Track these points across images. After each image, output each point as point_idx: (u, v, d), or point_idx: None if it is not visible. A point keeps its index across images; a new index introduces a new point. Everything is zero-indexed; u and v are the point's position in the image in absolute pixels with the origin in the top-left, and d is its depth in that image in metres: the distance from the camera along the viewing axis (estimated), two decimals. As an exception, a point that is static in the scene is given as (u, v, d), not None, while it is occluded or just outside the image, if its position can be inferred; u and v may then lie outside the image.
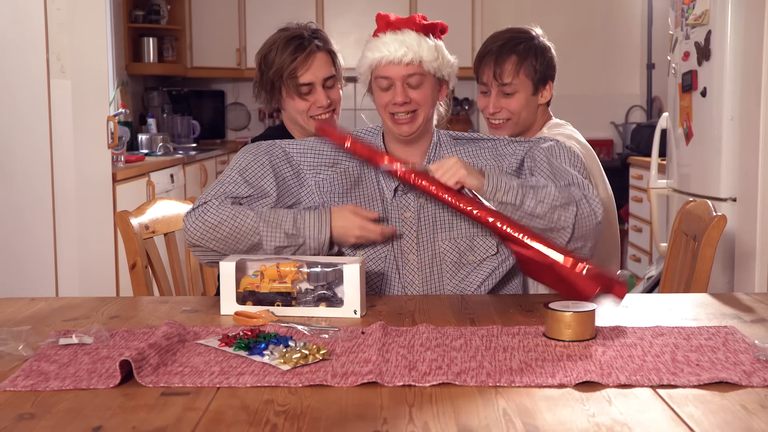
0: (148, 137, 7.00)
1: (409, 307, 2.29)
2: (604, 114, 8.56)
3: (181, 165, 6.61)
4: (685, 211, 2.88)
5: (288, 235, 2.38)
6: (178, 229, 2.98)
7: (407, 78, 2.51)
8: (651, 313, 2.20)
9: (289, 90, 3.00)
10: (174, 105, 8.30)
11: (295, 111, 3.02)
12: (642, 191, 6.43)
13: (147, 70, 7.92)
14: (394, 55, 2.50)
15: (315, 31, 3.07)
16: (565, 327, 1.93)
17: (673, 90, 5.03)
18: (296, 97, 3.00)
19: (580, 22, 8.52)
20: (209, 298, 2.47)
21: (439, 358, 1.81)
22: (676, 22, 4.92)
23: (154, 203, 2.96)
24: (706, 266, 2.62)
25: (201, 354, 1.86)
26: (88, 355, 1.85)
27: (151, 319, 2.20)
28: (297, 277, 2.22)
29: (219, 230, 2.38)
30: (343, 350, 1.87)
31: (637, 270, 6.54)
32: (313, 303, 2.21)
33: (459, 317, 2.17)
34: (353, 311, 2.19)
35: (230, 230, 2.38)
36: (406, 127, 2.53)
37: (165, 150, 6.88)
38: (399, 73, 2.50)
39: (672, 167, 5.08)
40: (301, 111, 3.01)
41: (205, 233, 2.39)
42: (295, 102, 3.01)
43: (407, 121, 2.52)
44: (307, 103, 3.00)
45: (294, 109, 3.02)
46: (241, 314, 2.16)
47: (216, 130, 8.71)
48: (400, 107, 2.51)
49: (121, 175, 5.28)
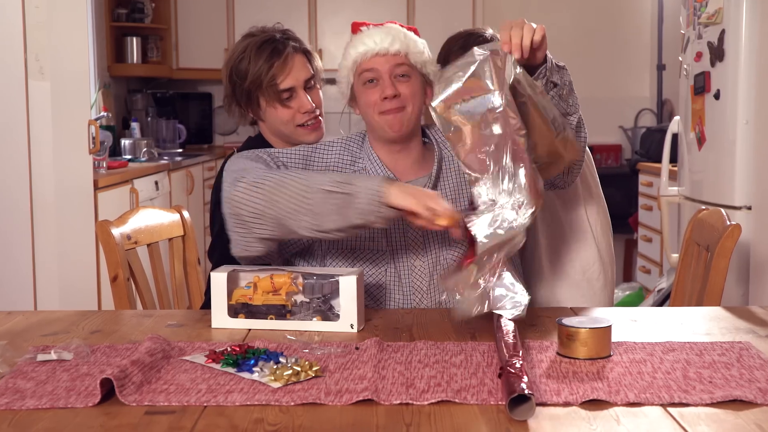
0: (132, 142, 6.99)
1: (406, 321, 2.30)
2: (612, 117, 8.56)
3: (167, 171, 6.61)
4: (698, 220, 2.89)
5: (336, 182, 2.26)
6: (162, 239, 2.98)
7: (395, 69, 2.50)
8: (661, 328, 2.21)
9: (269, 99, 2.92)
10: (159, 108, 8.30)
11: (278, 121, 2.95)
12: (652, 199, 6.44)
13: (130, 72, 7.92)
14: (380, 46, 2.50)
15: (285, 31, 3.01)
16: (581, 344, 1.93)
17: (684, 92, 5.04)
18: (278, 106, 2.92)
19: (586, 20, 8.53)
20: (195, 312, 2.48)
21: (438, 374, 1.81)
22: (688, 21, 4.93)
23: (138, 212, 2.96)
24: (719, 278, 2.62)
25: (187, 371, 1.86)
26: (68, 372, 1.85)
27: (134, 334, 2.20)
28: (292, 289, 2.23)
29: (263, 186, 2.31)
30: (336, 366, 1.88)
31: (647, 282, 6.54)
32: (308, 316, 2.22)
33: (459, 332, 2.17)
34: (350, 325, 2.19)
35: (275, 183, 2.31)
36: (397, 122, 2.50)
37: (149, 156, 6.88)
38: (386, 64, 2.50)
39: (684, 174, 5.09)
40: (286, 120, 2.93)
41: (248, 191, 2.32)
42: (278, 111, 2.93)
43: (397, 115, 2.50)
44: (291, 111, 2.93)
45: (277, 120, 2.95)
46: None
47: (203, 134, 8.71)
48: (390, 102, 2.49)
49: (103, 182, 5.28)
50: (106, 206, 5.21)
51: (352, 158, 2.61)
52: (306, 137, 2.93)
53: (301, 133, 2.94)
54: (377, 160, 2.57)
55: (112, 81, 7.72)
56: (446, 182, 2.60)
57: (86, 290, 4.99)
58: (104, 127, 6.68)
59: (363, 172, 2.58)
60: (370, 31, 2.54)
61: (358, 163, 2.61)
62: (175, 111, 8.42)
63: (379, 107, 2.51)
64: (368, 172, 2.58)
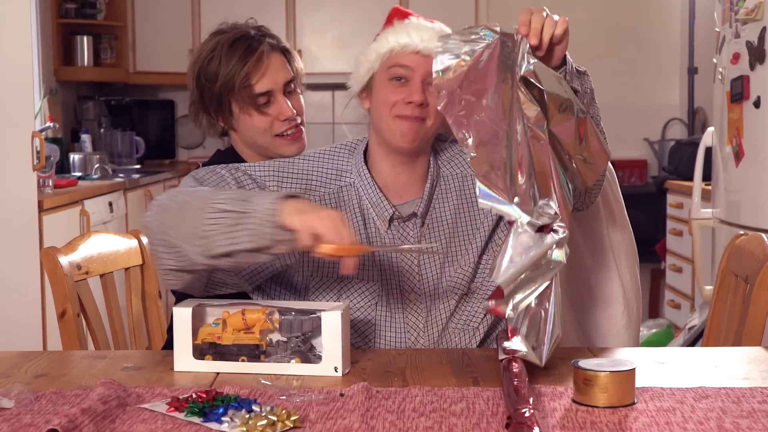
0: (82, 157, 7.00)
1: (398, 363, 2.30)
2: (636, 129, 8.58)
3: (122, 191, 6.61)
4: (735, 247, 2.89)
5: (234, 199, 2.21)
6: (117, 268, 2.98)
7: (429, 76, 2.46)
8: (693, 371, 2.21)
9: (243, 104, 2.91)
10: (113, 118, 8.30)
11: (253, 131, 2.95)
12: (683, 223, 6.45)
13: (80, 76, 7.93)
14: (426, 45, 2.48)
15: (260, 27, 3.01)
16: (600, 390, 1.93)
17: (719, 100, 5.06)
18: (254, 113, 2.92)
19: (605, 16, 8.55)
20: (156, 353, 2.47)
21: (435, 425, 1.81)
22: (724, 18, 4.95)
23: (89, 238, 2.96)
24: (760, 314, 2.63)
25: (145, 421, 1.86)
26: (8, 423, 1.85)
27: (85, 378, 2.20)
28: (267, 327, 2.23)
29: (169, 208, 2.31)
30: (318, 416, 1.88)
31: (677, 318, 6.55)
32: (285, 358, 2.22)
33: (459, 376, 2.18)
34: (334, 368, 2.19)
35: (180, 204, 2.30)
36: (412, 133, 2.49)
37: (102, 173, 6.89)
38: (424, 66, 2.48)
39: (719, 193, 5.10)
40: (263, 129, 2.93)
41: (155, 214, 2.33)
42: (253, 119, 2.93)
43: (415, 124, 2.49)
44: (268, 118, 2.93)
45: (252, 129, 2.94)
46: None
47: (164, 148, 8.72)
48: (413, 109, 2.48)
49: (49, 203, 5.28)
50: (53, 231, 5.20)
51: (337, 172, 2.61)
52: (285, 149, 2.92)
53: (279, 145, 2.93)
54: (367, 175, 2.57)
55: (59, 86, 7.72)
56: (443, 204, 2.60)
57: (29, 327, 4.98)
58: (50, 139, 6.68)
59: (350, 188, 2.58)
60: (420, 24, 2.54)
61: (343, 178, 2.60)
62: (132, 121, 8.42)
63: (399, 110, 2.49)
64: (356, 190, 2.58)
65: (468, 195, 2.62)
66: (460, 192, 2.62)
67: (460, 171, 2.65)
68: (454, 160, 2.65)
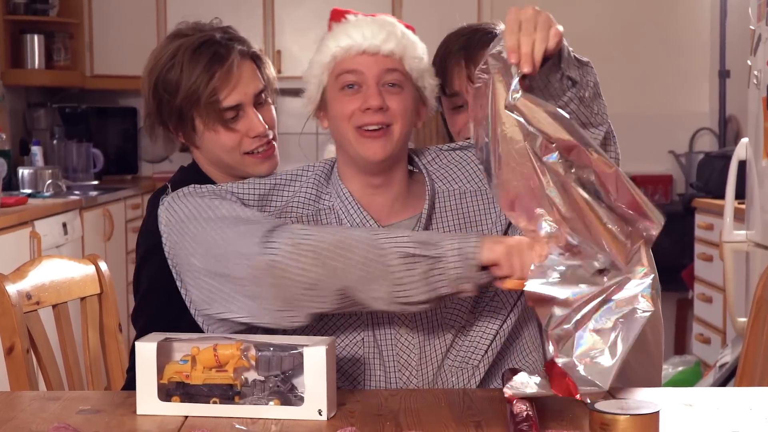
0: (32, 172, 7.00)
1: (390, 405, 2.30)
2: (661, 140, 8.57)
3: (78, 210, 6.60)
4: (771, 274, 2.91)
5: (417, 242, 2.28)
6: (72, 298, 2.98)
7: (384, 75, 2.49)
8: (725, 413, 2.21)
9: (208, 120, 2.85)
10: (68, 127, 8.29)
11: (220, 148, 2.89)
12: (712, 246, 6.46)
13: (31, 80, 7.93)
14: (370, 42, 2.49)
15: (225, 29, 2.94)
16: (620, 436, 1.94)
17: (755, 107, 5.07)
18: (221, 129, 2.86)
19: (626, 15, 8.55)
20: (116, 394, 2.48)
21: (433, 475, 1.82)
22: (760, 14, 4.96)
23: (40, 263, 2.96)
24: (799, 349, 2.64)
25: (104, 471, 1.86)
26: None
27: (36, 422, 2.20)
28: (241, 364, 2.22)
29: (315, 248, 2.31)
30: (300, 465, 1.88)
31: (706, 354, 6.55)
32: (263, 399, 2.22)
33: (460, 419, 2.18)
34: (318, 411, 2.19)
35: (331, 245, 2.30)
36: (378, 145, 2.49)
37: (55, 189, 6.89)
38: (375, 67, 2.50)
39: (753, 213, 5.11)
40: (230, 147, 2.88)
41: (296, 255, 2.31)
42: (220, 136, 2.87)
43: (379, 135, 2.49)
44: (237, 135, 2.87)
45: (218, 146, 2.89)
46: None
47: (125, 162, 8.71)
48: (373, 115, 2.48)
49: (-5, 224, 5.29)
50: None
51: (317, 194, 2.61)
52: (255, 168, 2.88)
53: (249, 163, 2.89)
54: (348, 197, 2.56)
55: (6, 92, 7.72)
56: (442, 225, 2.60)
57: (-29, 366, 4.98)
58: (-4, 152, 6.68)
59: (329, 212, 2.58)
60: (359, 21, 2.53)
61: (323, 200, 2.60)
62: (88, 131, 8.41)
63: (358, 119, 2.49)
64: (336, 213, 2.57)
65: (467, 214, 2.62)
66: (457, 211, 2.61)
67: (457, 187, 2.64)
68: (448, 176, 2.65)
